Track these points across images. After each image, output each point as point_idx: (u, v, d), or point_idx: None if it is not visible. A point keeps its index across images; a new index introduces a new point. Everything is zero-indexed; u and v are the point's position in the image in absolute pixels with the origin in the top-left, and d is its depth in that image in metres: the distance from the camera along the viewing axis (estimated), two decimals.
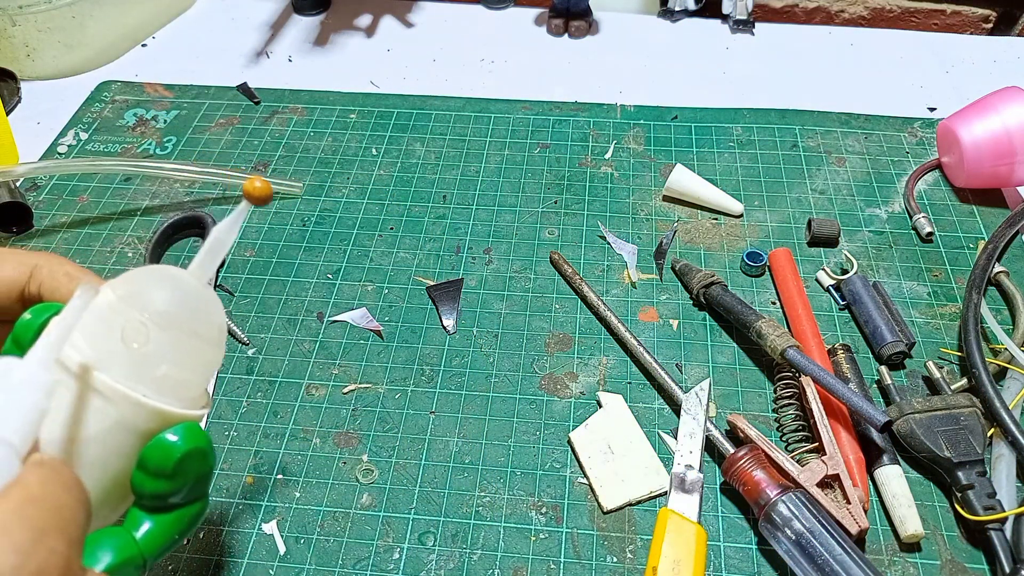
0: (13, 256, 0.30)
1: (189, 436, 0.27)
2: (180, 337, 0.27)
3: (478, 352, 0.49)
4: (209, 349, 0.28)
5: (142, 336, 0.26)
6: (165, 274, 0.28)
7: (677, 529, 0.38)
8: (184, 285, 0.28)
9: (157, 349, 0.26)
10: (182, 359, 0.27)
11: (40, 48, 0.68)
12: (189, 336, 0.27)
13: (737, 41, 0.73)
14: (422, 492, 0.42)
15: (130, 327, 0.26)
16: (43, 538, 0.19)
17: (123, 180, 0.60)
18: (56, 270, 0.30)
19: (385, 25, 0.76)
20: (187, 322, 0.27)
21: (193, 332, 0.27)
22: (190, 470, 0.27)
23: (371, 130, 0.64)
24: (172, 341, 0.27)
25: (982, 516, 0.39)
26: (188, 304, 0.27)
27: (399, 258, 0.54)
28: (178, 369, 0.27)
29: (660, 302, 0.51)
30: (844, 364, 0.45)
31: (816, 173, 0.59)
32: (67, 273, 0.30)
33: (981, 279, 0.48)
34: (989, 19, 0.77)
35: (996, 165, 0.53)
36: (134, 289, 0.27)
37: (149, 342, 0.26)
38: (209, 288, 0.29)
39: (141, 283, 0.27)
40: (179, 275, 0.28)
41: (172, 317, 0.27)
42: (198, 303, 0.28)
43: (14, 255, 0.30)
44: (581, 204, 0.57)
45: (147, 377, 0.26)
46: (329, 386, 0.47)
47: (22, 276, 0.30)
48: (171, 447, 0.26)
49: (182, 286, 0.28)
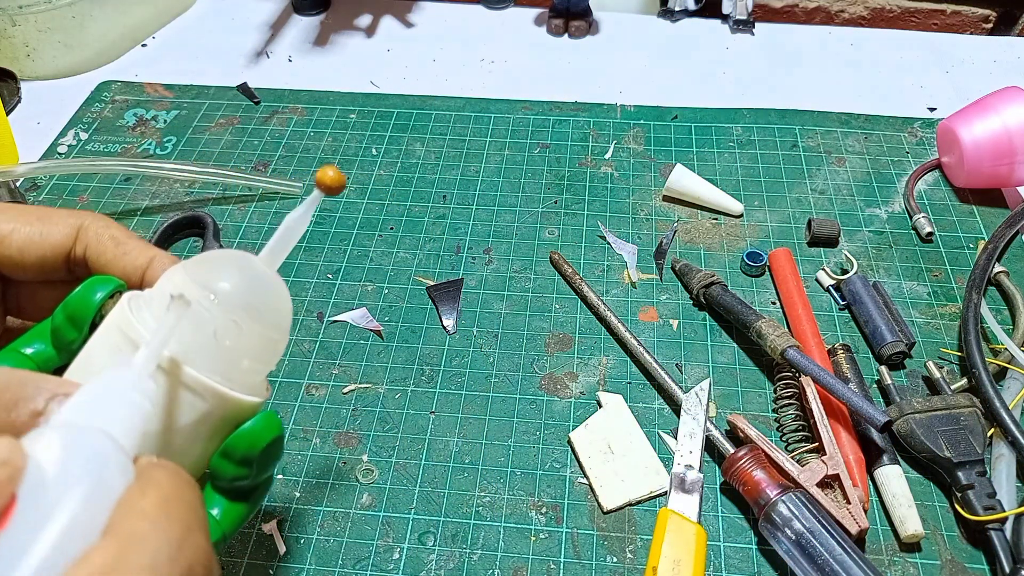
0: (60, 217, 0.29)
1: (271, 425, 0.27)
2: (259, 330, 0.27)
3: (478, 352, 0.49)
4: (281, 339, 0.29)
5: (233, 333, 0.26)
6: (241, 262, 0.27)
7: (677, 529, 0.38)
8: (259, 274, 0.28)
9: (241, 343, 0.27)
10: (260, 351, 0.28)
11: (40, 48, 0.68)
12: (266, 328, 0.27)
13: (737, 41, 0.73)
14: (422, 492, 0.42)
15: (223, 325, 0.26)
16: (189, 534, 0.19)
17: (123, 180, 0.60)
18: (102, 233, 0.29)
19: (385, 25, 0.76)
20: (264, 314, 0.27)
21: (270, 324, 0.28)
22: (270, 456, 0.28)
23: (371, 130, 0.64)
24: (253, 334, 0.27)
25: (982, 516, 0.39)
26: (264, 295, 0.27)
27: (399, 258, 0.54)
28: (257, 361, 0.28)
29: (660, 302, 0.51)
30: (844, 364, 0.45)
31: (816, 173, 0.59)
32: (113, 237, 0.29)
33: (981, 279, 0.48)
34: (989, 19, 0.77)
35: (996, 165, 0.53)
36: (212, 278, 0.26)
37: (240, 338, 0.26)
38: (279, 277, 0.28)
39: (218, 272, 0.27)
40: (253, 263, 0.28)
41: (254, 310, 0.27)
42: (271, 293, 0.28)
43: (60, 215, 0.29)
44: (581, 204, 0.57)
45: (232, 371, 0.27)
46: (329, 386, 0.47)
47: (69, 239, 0.29)
48: (257, 437, 0.27)
49: (257, 275, 0.28)
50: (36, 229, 0.29)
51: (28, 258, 0.29)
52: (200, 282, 0.26)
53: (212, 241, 0.53)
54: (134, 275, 0.29)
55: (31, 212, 0.29)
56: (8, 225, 0.29)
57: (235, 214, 0.57)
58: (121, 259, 0.29)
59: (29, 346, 0.28)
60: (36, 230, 0.29)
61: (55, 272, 0.29)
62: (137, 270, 0.29)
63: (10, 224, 0.29)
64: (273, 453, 0.28)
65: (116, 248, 0.29)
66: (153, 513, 0.19)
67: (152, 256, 0.30)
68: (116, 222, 0.30)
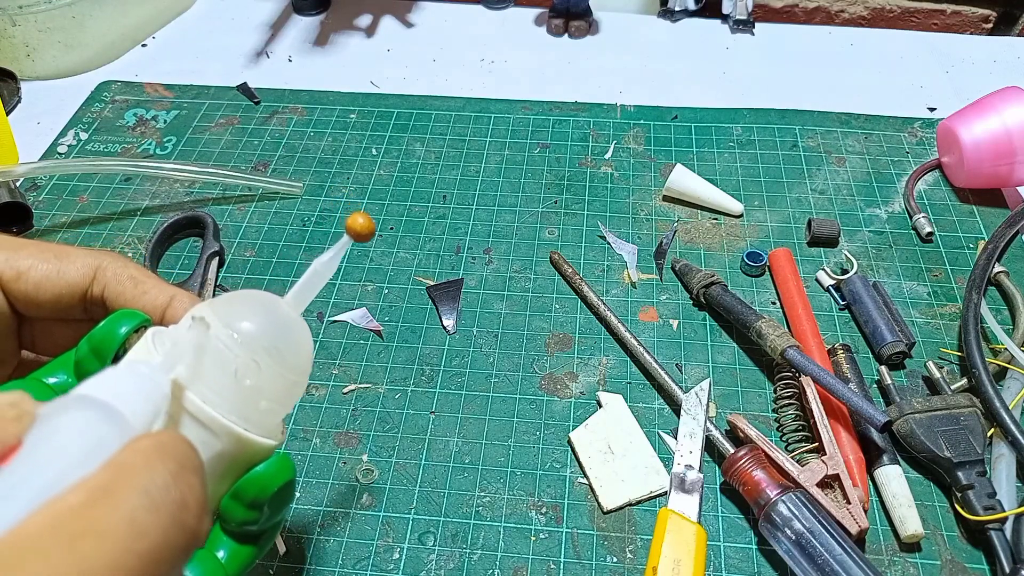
0: (78, 256, 0.29)
1: (283, 469, 0.27)
2: (280, 372, 0.27)
3: (478, 352, 0.49)
4: (300, 381, 0.28)
5: (254, 373, 0.26)
6: (267, 304, 0.27)
7: (677, 529, 0.38)
8: (284, 317, 0.28)
9: (261, 384, 0.26)
10: (279, 393, 0.27)
11: (40, 48, 0.68)
12: (287, 370, 0.27)
13: (737, 41, 0.73)
14: (422, 492, 0.42)
15: (243, 364, 0.26)
16: (183, 471, 0.20)
17: (123, 180, 0.60)
18: (121, 273, 0.29)
19: (385, 25, 0.76)
20: (286, 356, 0.27)
21: (291, 367, 0.27)
22: (281, 500, 0.28)
23: (371, 130, 0.64)
24: (274, 376, 0.27)
25: (982, 516, 0.39)
26: (287, 338, 0.27)
27: (399, 258, 0.54)
28: (275, 403, 0.27)
29: (660, 302, 0.51)
30: (844, 364, 0.45)
31: (816, 173, 0.59)
32: (132, 277, 0.29)
33: (981, 279, 0.48)
34: (989, 19, 0.77)
35: (996, 165, 0.53)
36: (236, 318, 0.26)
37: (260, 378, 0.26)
38: (303, 320, 0.28)
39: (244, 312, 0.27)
40: (279, 305, 0.28)
41: (277, 353, 0.27)
42: (294, 336, 0.28)
43: (80, 254, 0.29)
44: (581, 204, 0.57)
45: (249, 411, 0.26)
46: (329, 386, 0.47)
47: (86, 278, 0.29)
48: (269, 481, 0.27)
49: (282, 318, 0.27)
50: (54, 267, 0.29)
51: (44, 295, 0.29)
52: (224, 320, 0.26)
53: (212, 241, 0.53)
54: (154, 314, 0.29)
55: (50, 249, 0.29)
56: (26, 261, 0.29)
57: (235, 214, 0.57)
58: (141, 298, 0.29)
59: (52, 376, 0.28)
60: (54, 267, 0.29)
61: (71, 311, 0.29)
62: (157, 309, 0.29)
63: (28, 260, 0.29)
64: (285, 497, 0.28)
65: (135, 288, 0.29)
66: (149, 450, 0.20)
67: (172, 295, 0.29)
68: (134, 262, 0.30)
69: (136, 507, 0.18)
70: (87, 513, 0.17)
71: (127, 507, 0.18)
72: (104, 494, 0.18)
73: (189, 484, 0.20)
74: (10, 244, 0.29)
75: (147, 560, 0.18)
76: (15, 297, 0.29)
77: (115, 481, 0.18)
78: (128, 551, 0.17)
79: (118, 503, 0.18)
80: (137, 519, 0.18)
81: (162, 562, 0.18)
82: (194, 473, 0.20)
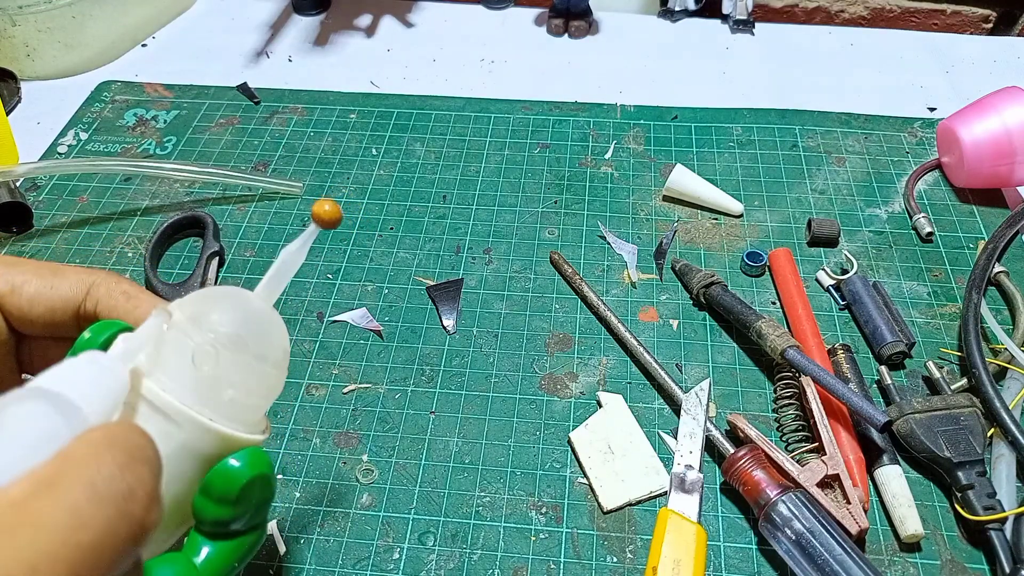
0: (72, 273, 0.30)
1: (253, 462, 0.26)
2: (247, 360, 0.27)
3: (478, 352, 0.49)
4: (274, 373, 0.28)
5: (211, 359, 0.26)
6: (233, 296, 0.28)
7: (677, 529, 0.38)
8: (251, 307, 0.28)
9: (224, 373, 0.26)
10: (248, 383, 0.27)
11: (40, 48, 0.68)
12: (255, 360, 0.27)
13: (737, 41, 0.73)
14: (422, 492, 0.42)
15: (200, 350, 0.26)
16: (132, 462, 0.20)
17: (123, 180, 0.60)
18: (113, 289, 0.30)
19: (385, 25, 0.76)
20: (254, 345, 0.27)
21: (260, 355, 0.27)
22: (253, 496, 0.27)
23: (371, 130, 0.64)
24: (239, 365, 0.26)
25: (982, 516, 0.39)
26: (255, 327, 0.27)
27: (399, 258, 0.54)
28: (243, 393, 0.27)
29: (660, 302, 0.51)
30: (844, 364, 0.45)
31: (816, 173, 0.59)
32: (124, 292, 0.30)
33: (981, 279, 0.48)
34: (989, 19, 0.77)
35: (996, 165, 0.53)
36: (202, 310, 0.27)
37: (218, 365, 0.26)
38: (275, 311, 0.28)
39: (210, 305, 0.27)
40: (247, 297, 0.28)
41: (240, 340, 0.26)
42: (264, 326, 0.28)
43: (73, 272, 0.30)
44: (581, 204, 0.57)
45: (213, 401, 0.26)
46: (329, 386, 0.47)
47: (79, 294, 0.30)
48: (236, 473, 0.26)
49: (249, 308, 0.28)
50: (47, 282, 0.29)
51: (37, 309, 0.29)
52: (188, 312, 0.26)
53: (212, 241, 0.53)
54: None
55: (44, 266, 0.30)
56: (21, 276, 0.29)
57: (235, 214, 0.57)
58: (133, 312, 0.29)
59: None
60: (47, 283, 0.29)
61: (64, 327, 0.30)
62: None
63: (23, 276, 0.29)
64: (255, 494, 0.27)
65: (128, 302, 0.30)
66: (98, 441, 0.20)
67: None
68: (127, 278, 0.31)
69: (79, 499, 0.18)
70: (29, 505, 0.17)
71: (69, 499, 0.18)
72: (47, 486, 0.18)
73: (137, 475, 0.20)
74: (5, 260, 0.30)
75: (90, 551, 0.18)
76: (9, 312, 0.29)
77: (60, 473, 0.18)
78: (68, 543, 0.17)
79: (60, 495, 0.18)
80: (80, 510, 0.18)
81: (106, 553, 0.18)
82: (144, 464, 0.20)
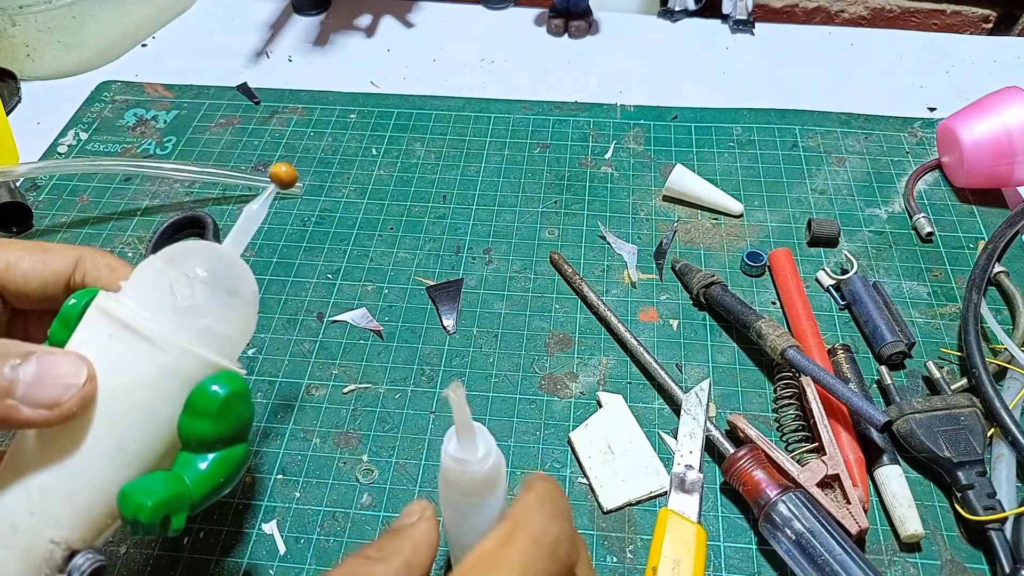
0: (60, 250, 0.33)
1: (230, 381, 0.30)
2: (220, 294, 0.30)
3: (478, 352, 0.49)
4: (244, 308, 0.32)
5: (187, 289, 0.29)
6: (203, 244, 0.31)
7: (677, 529, 0.38)
8: (220, 253, 0.31)
9: (200, 303, 0.30)
10: (222, 314, 0.30)
11: (40, 48, 0.68)
12: (227, 294, 0.31)
13: (737, 41, 0.73)
14: (422, 492, 0.42)
15: (177, 281, 0.29)
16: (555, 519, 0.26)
17: (123, 180, 0.60)
18: (99, 261, 0.33)
19: (385, 25, 0.76)
20: (225, 282, 0.31)
21: (231, 291, 0.31)
22: (233, 412, 0.30)
23: (371, 130, 0.64)
24: (213, 297, 0.30)
25: (982, 516, 0.39)
26: (224, 267, 0.31)
27: (399, 258, 0.54)
28: (218, 323, 0.30)
29: (660, 302, 0.51)
30: (844, 364, 0.45)
31: (816, 173, 0.59)
32: (108, 264, 0.33)
33: (981, 279, 0.48)
34: (989, 19, 0.77)
35: (996, 165, 0.53)
36: (176, 255, 0.30)
37: (195, 295, 0.29)
38: (241, 259, 0.32)
39: (182, 250, 0.31)
40: (215, 246, 0.32)
41: (212, 276, 0.30)
42: (233, 268, 0.31)
43: (61, 249, 0.33)
44: (581, 204, 0.57)
45: (191, 327, 0.29)
46: (329, 386, 0.47)
47: (68, 268, 0.33)
48: (215, 390, 0.29)
49: (219, 253, 0.31)
50: (39, 258, 0.33)
51: (32, 283, 0.32)
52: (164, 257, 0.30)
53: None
54: None
55: (34, 245, 0.33)
56: (14, 255, 0.32)
57: (235, 214, 0.57)
58: (116, 283, 0.32)
59: None
60: (39, 259, 0.33)
61: (56, 299, 0.32)
62: None
63: (16, 254, 0.32)
64: (235, 409, 0.30)
65: (111, 273, 0.33)
66: (533, 504, 0.27)
67: None
68: (111, 253, 0.34)
69: (527, 547, 0.25)
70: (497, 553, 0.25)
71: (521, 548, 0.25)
72: (507, 539, 0.25)
73: (560, 526, 0.26)
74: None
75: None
76: (5, 287, 0.32)
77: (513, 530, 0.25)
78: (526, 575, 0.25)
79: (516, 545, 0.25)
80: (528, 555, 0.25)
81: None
82: (563, 517, 0.27)
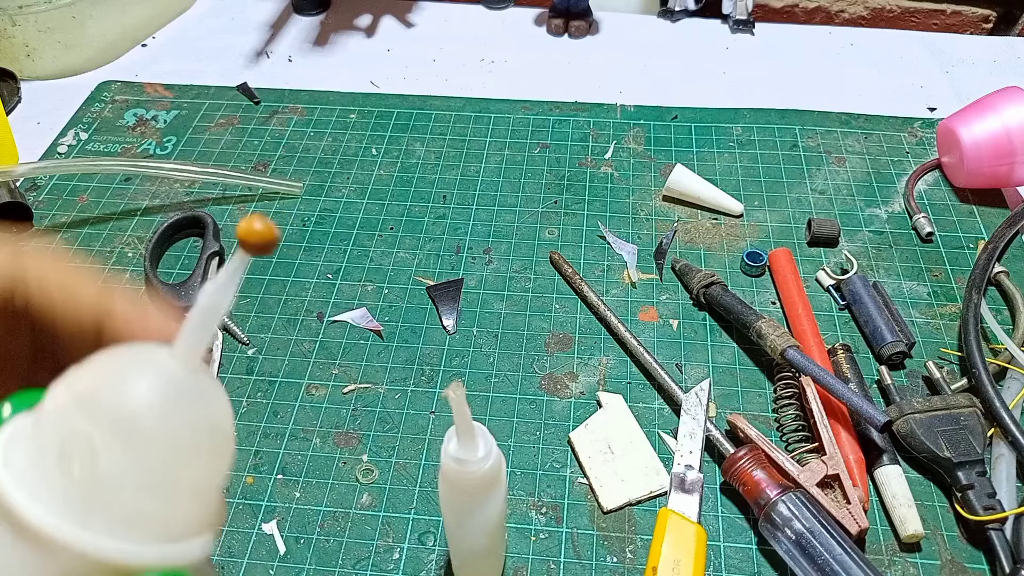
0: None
1: None
2: (154, 449, 0.19)
3: (478, 352, 0.49)
4: (204, 458, 0.20)
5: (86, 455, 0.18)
6: (140, 360, 0.20)
7: (677, 529, 0.38)
8: (166, 373, 0.19)
9: (117, 469, 0.18)
10: (159, 478, 0.19)
11: (40, 48, 0.68)
12: (170, 446, 0.19)
13: (737, 41, 0.73)
14: (422, 492, 0.42)
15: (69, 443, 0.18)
16: None
17: (123, 180, 0.60)
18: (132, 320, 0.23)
19: (385, 25, 0.76)
20: (168, 426, 0.19)
21: (177, 438, 0.19)
22: None
23: (371, 130, 0.64)
24: (141, 454, 0.18)
25: (982, 516, 0.39)
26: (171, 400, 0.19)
27: (399, 258, 0.54)
28: (153, 493, 0.19)
29: (660, 302, 0.51)
30: (844, 364, 0.45)
31: (816, 173, 0.59)
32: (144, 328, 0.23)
33: (981, 279, 0.48)
34: (989, 19, 0.77)
35: (996, 165, 0.53)
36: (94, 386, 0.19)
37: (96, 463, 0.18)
38: (202, 374, 0.20)
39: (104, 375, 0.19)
40: (160, 360, 0.20)
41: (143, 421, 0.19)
42: (186, 397, 0.20)
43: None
44: (581, 204, 0.57)
45: (101, 509, 0.18)
46: (329, 386, 0.47)
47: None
48: None
49: (162, 375, 0.19)
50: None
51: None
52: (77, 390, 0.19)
53: (212, 241, 0.53)
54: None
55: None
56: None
57: (235, 214, 0.57)
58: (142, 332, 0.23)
59: None
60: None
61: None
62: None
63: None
64: None
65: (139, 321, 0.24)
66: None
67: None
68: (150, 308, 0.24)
69: None
70: None
71: None
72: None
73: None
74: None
75: None
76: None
77: None
78: None
79: None
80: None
81: None
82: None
